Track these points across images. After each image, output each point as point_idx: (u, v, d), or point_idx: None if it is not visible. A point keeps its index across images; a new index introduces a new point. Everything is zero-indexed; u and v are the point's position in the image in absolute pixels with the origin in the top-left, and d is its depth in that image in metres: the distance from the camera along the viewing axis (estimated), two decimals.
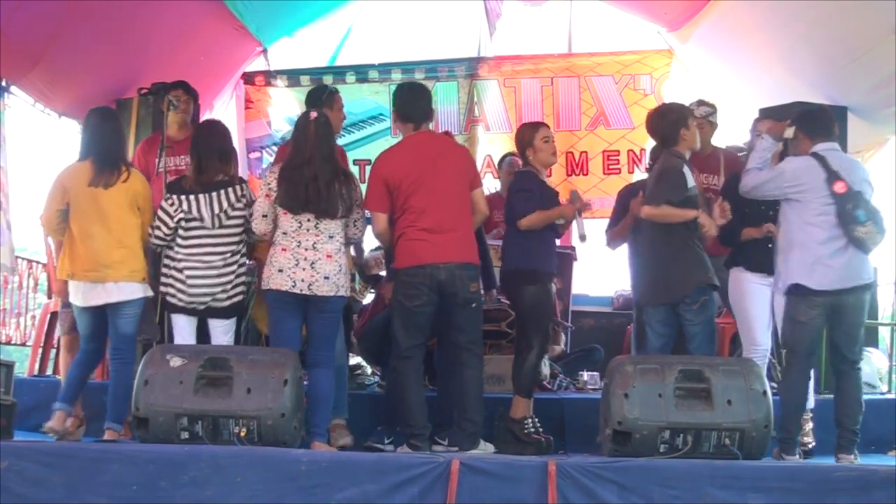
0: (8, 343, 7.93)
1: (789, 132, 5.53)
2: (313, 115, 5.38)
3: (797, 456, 5.29)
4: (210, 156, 5.53)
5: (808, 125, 5.51)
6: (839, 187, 5.24)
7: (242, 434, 4.79)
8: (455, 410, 5.38)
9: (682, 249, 5.42)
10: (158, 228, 5.48)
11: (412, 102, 5.57)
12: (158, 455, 4.59)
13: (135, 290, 5.40)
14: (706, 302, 5.42)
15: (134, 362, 5.42)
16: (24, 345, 7.96)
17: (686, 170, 5.48)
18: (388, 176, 5.40)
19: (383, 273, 6.66)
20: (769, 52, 7.82)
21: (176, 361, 4.95)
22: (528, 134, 5.83)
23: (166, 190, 5.63)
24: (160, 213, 5.50)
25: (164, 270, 5.52)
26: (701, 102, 6.53)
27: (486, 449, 5.34)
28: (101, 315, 5.44)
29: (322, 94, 6.05)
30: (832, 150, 5.41)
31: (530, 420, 5.65)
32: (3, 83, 6.92)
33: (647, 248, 5.63)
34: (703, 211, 5.47)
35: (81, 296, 5.38)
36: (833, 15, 6.81)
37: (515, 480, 4.48)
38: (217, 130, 5.78)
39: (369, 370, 7.18)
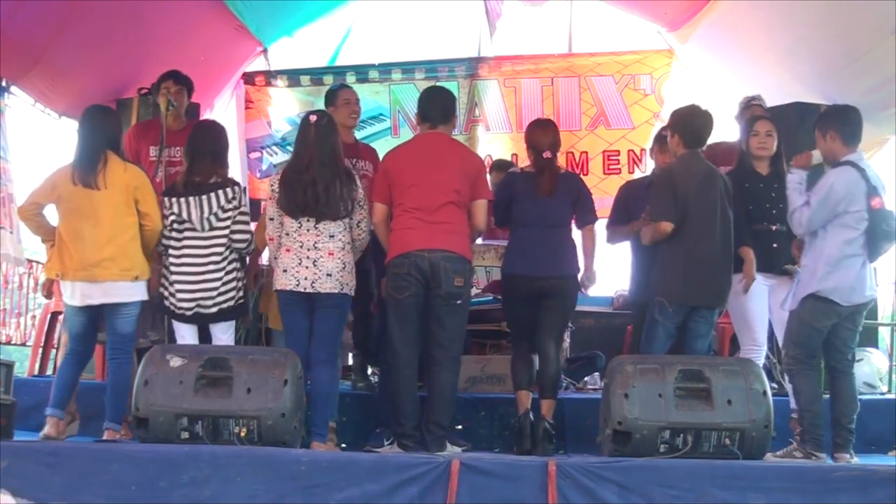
0: (8, 343, 7.94)
1: (817, 157, 5.42)
2: (313, 118, 5.41)
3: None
4: (202, 158, 5.53)
5: (847, 130, 5.33)
6: (876, 202, 5.15)
7: (242, 434, 4.79)
8: (425, 411, 5.34)
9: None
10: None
11: (430, 102, 5.66)
12: (158, 455, 4.58)
13: (130, 290, 5.37)
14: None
15: (132, 361, 5.42)
16: (24, 345, 7.97)
17: None
18: (389, 168, 5.52)
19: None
20: (769, 52, 7.82)
21: (176, 361, 4.95)
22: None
23: (163, 194, 5.62)
24: None
25: (164, 272, 5.54)
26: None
27: (452, 451, 5.28)
28: (95, 316, 5.43)
29: (330, 95, 6.38)
30: (863, 159, 5.30)
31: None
32: (3, 83, 6.92)
33: (711, 250, 5.46)
34: None
35: (79, 295, 5.35)
36: (833, 15, 6.80)
37: (515, 480, 4.48)
38: (211, 131, 5.77)
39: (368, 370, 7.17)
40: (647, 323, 5.61)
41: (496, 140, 9.28)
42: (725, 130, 7.05)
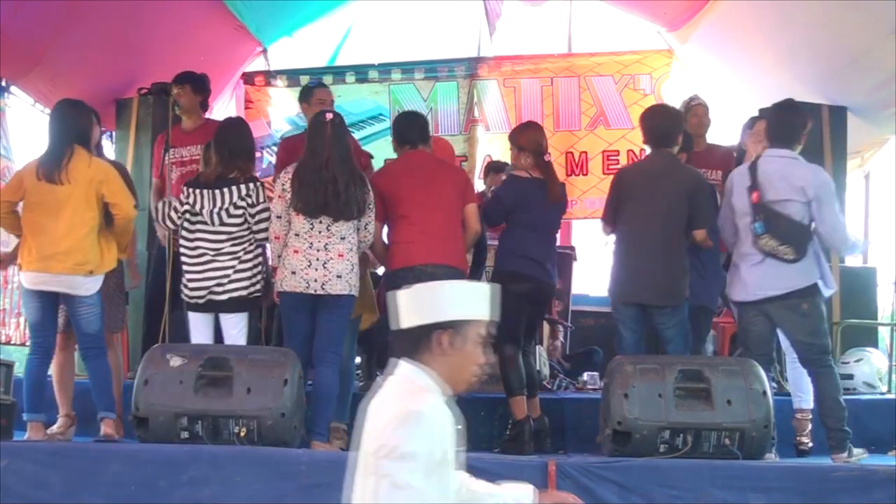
0: (8, 343, 7.92)
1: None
2: (328, 116, 5.40)
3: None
4: (239, 155, 5.56)
5: (770, 128, 5.41)
6: (753, 198, 5.21)
7: (242, 434, 4.79)
8: None
9: (683, 257, 5.49)
10: (169, 216, 5.57)
11: (407, 125, 5.88)
12: (158, 455, 4.59)
13: (84, 284, 5.30)
14: (678, 305, 5.46)
15: (105, 352, 5.42)
16: (23, 345, 7.93)
17: None
18: (382, 188, 5.58)
19: (380, 271, 6.69)
20: (769, 52, 7.82)
21: (176, 361, 4.96)
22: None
23: (185, 184, 5.68)
24: (174, 201, 5.60)
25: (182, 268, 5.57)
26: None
27: None
28: (52, 304, 5.38)
29: (305, 91, 6.46)
30: (779, 157, 5.24)
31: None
32: (3, 83, 6.93)
33: (648, 247, 5.49)
34: None
35: (32, 280, 5.32)
36: (833, 15, 6.81)
37: (515, 480, 4.47)
38: (244, 128, 5.84)
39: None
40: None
41: (496, 140, 9.26)
42: (724, 130, 7.07)
